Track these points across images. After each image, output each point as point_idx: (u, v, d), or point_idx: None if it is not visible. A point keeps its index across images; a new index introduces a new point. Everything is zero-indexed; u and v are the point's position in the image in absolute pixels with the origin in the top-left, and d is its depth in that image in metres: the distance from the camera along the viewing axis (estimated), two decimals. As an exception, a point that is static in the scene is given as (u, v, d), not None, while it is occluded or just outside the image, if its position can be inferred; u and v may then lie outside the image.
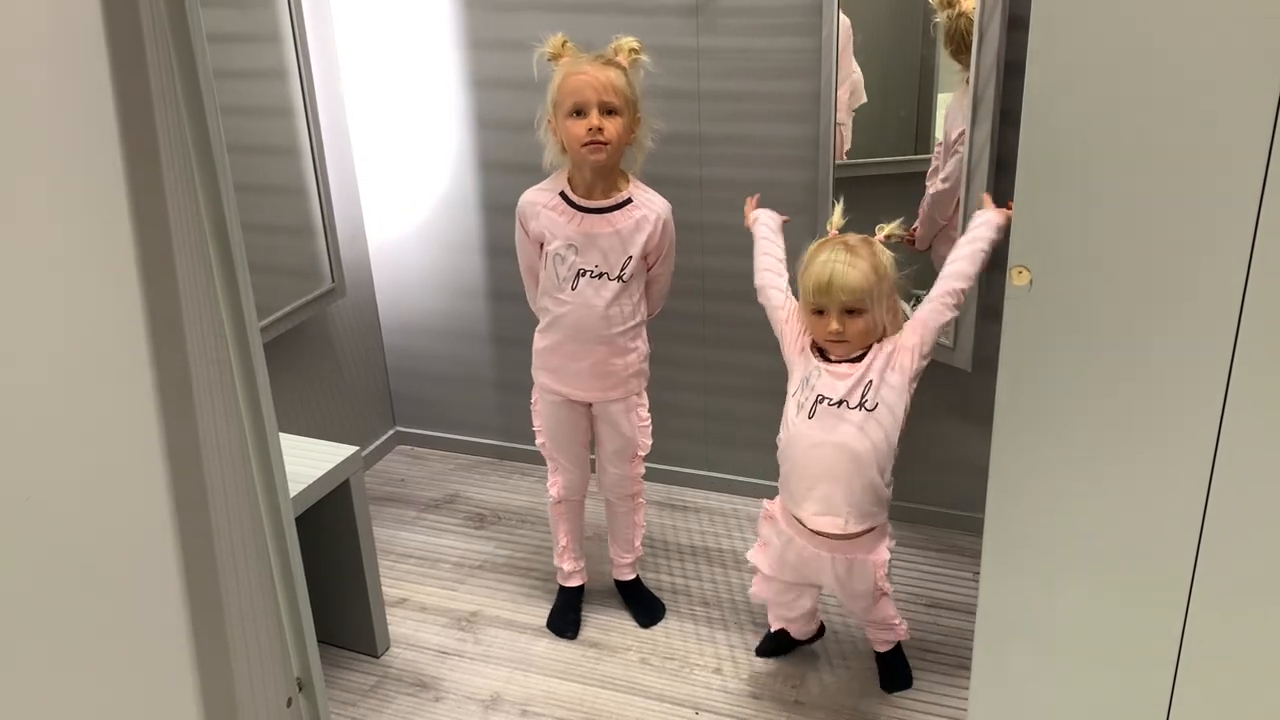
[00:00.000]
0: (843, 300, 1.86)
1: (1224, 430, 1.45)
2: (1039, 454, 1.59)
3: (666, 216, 2.17)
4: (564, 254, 2.14)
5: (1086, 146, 1.41)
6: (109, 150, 0.89)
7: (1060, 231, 1.46)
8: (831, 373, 1.93)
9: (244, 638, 1.11)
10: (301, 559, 1.19)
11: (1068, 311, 1.49)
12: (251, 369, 1.06)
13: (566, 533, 2.45)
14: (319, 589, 1.58)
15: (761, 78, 2.48)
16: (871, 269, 1.87)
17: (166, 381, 0.97)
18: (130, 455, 0.97)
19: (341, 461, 2.17)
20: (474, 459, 3.20)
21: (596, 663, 2.36)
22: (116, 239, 0.91)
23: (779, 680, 2.28)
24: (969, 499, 2.60)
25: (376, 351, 3.17)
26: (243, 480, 1.09)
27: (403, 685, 2.32)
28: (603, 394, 2.25)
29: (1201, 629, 1.56)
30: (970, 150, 2.20)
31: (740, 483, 2.92)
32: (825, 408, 1.92)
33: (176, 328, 0.98)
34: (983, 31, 2.12)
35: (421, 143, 2.89)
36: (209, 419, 1.03)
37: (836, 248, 1.90)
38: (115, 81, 0.88)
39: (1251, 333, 1.39)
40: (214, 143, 0.97)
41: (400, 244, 3.04)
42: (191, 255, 0.98)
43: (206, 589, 1.05)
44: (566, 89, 2.05)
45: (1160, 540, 1.55)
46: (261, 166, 2.57)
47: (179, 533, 1.01)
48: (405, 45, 2.80)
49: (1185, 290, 1.41)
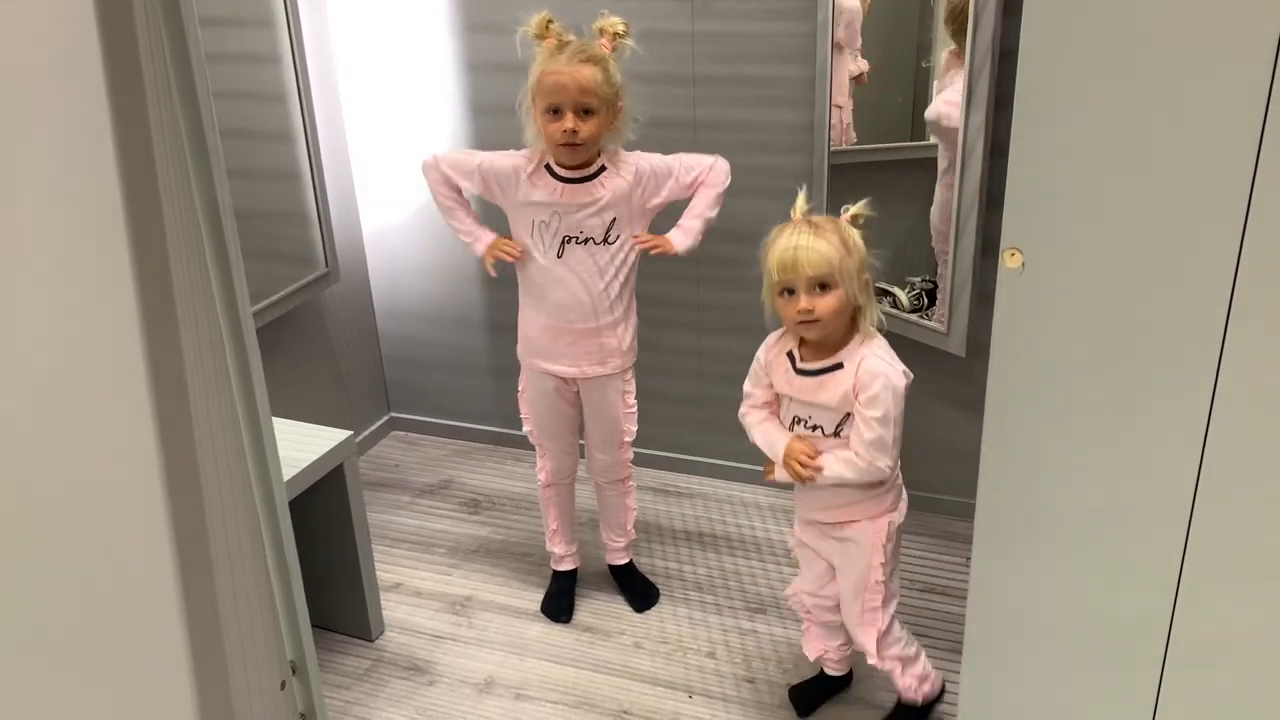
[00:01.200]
0: (809, 274, 1.76)
1: (1214, 415, 1.46)
2: (1030, 438, 1.60)
3: (643, 164, 2.16)
4: (547, 221, 2.16)
5: (1078, 130, 1.41)
6: (102, 135, 0.89)
7: (1052, 214, 1.46)
8: (806, 401, 1.86)
9: (238, 621, 1.11)
10: (296, 543, 1.19)
11: (1060, 295, 1.49)
12: (245, 354, 1.06)
13: (556, 516, 2.45)
14: (313, 573, 1.59)
15: (756, 62, 2.48)
16: (840, 242, 1.78)
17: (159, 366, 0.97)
18: (123, 440, 0.97)
19: (335, 446, 2.17)
20: (468, 444, 3.20)
21: (590, 647, 2.37)
22: (110, 225, 0.91)
23: (772, 665, 2.29)
24: (963, 484, 2.61)
25: (371, 337, 3.17)
26: (236, 465, 1.09)
27: (397, 669, 2.33)
28: (591, 368, 2.25)
29: (1191, 613, 1.57)
30: (965, 135, 2.20)
31: (733, 468, 2.92)
32: (803, 429, 1.89)
33: (170, 313, 0.98)
34: (978, 16, 2.11)
35: (416, 127, 2.88)
36: (202, 404, 1.03)
37: (799, 227, 1.81)
38: (107, 66, 0.88)
39: (1242, 317, 1.40)
40: (207, 127, 0.97)
41: (394, 229, 3.03)
42: (185, 241, 0.98)
43: (200, 573, 1.06)
44: (543, 87, 2.06)
45: (1151, 525, 1.55)
46: (256, 152, 2.56)
47: (172, 516, 1.01)
48: (400, 29, 2.79)
49: (1177, 274, 1.42)
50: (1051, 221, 1.47)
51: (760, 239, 2.34)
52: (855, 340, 1.83)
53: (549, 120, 2.07)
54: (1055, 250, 1.48)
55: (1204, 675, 1.61)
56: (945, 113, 2.31)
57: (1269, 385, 1.42)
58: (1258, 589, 1.52)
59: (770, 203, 2.53)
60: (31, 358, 0.88)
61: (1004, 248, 1.50)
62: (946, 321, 2.37)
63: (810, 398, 1.85)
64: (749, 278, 2.32)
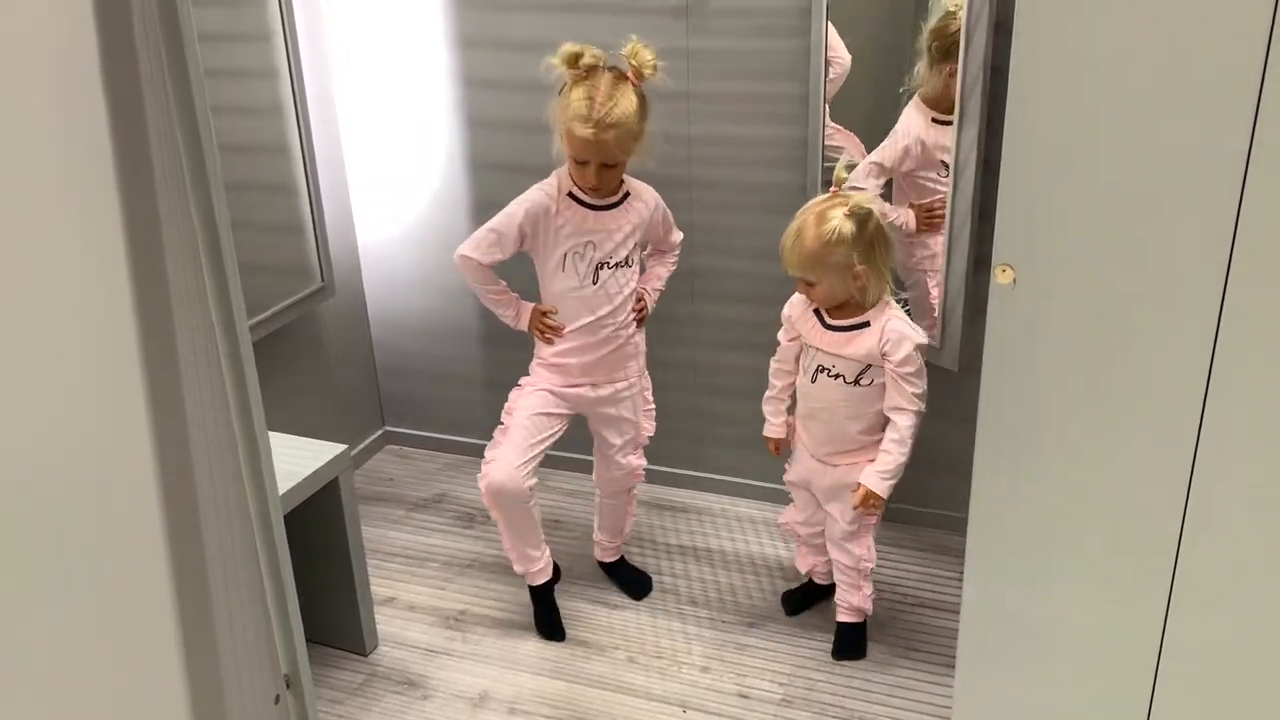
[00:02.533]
0: (792, 272, 2.08)
1: (1205, 427, 1.47)
2: (1022, 451, 1.60)
3: (657, 199, 2.30)
4: (582, 251, 2.21)
5: (1069, 147, 1.42)
6: (100, 149, 0.89)
7: (1043, 231, 1.48)
8: (827, 350, 2.13)
9: (232, 635, 1.12)
10: (290, 557, 1.19)
11: (1051, 310, 1.50)
12: (241, 367, 1.07)
13: (518, 528, 2.31)
14: (308, 587, 1.59)
15: (751, 79, 2.49)
16: (816, 238, 2.02)
17: (156, 380, 0.97)
18: (119, 453, 0.97)
19: (330, 460, 2.17)
20: (463, 459, 3.20)
21: (585, 661, 2.36)
22: (107, 238, 0.92)
23: (766, 678, 2.29)
24: (955, 498, 2.61)
25: (366, 351, 3.17)
26: (231, 478, 1.09)
27: (391, 684, 2.33)
28: (619, 379, 2.32)
29: (1182, 624, 1.58)
30: (957, 152, 2.22)
31: (728, 482, 2.92)
32: (825, 377, 2.15)
33: (167, 326, 0.98)
34: (970, 34, 2.13)
35: (412, 142, 2.89)
36: (198, 417, 1.03)
37: (807, 214, 2.06)
38: (106, 80, 0.88)
39: (1232, 331, 1.41)
40: (205, 141, 0.98)
41: (390, 243, 3.04)
42: (182, 254, 0.98)
43: (195, 586, 1.06)
44: (571, 140, 2.11)
45: (1142, 537, 1.56)
46: (252, 165, 2.57)
47: (167, 530, 1.01)
48: (397, 44, 2.81)
49: (1167, 289, 1.43)
50: (1043, 239, 1.48)
51: (753, 253, 2.36)
52: (880, 305, 2.10)
53: (575, 166, 2.15)
54: (1047, 267, 1.49)
55: (1196, 686, 1.61)
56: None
57: (1259, 398, 1.43)
58: (1247, 600, 1.53)
59: (763, 217, 2.55)
60: (28, 371, 0.89)
61: (995, 264, 1.51)
62: (940, 336, 2.38)
63: (838, 350, 2.11)
64: (743, 292, 2.33)
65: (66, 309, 0.92)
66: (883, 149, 2.42)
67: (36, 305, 0.89)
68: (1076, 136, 1.41)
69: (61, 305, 0.91)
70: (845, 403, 2.14)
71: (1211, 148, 1.35)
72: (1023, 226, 1.48)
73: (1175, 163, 1.37)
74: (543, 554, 2.37)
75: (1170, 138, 1.36)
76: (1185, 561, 1.54)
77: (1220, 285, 1.39)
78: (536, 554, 2.36)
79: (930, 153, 2.38)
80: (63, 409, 0.93)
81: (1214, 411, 1.45)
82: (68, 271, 0.91)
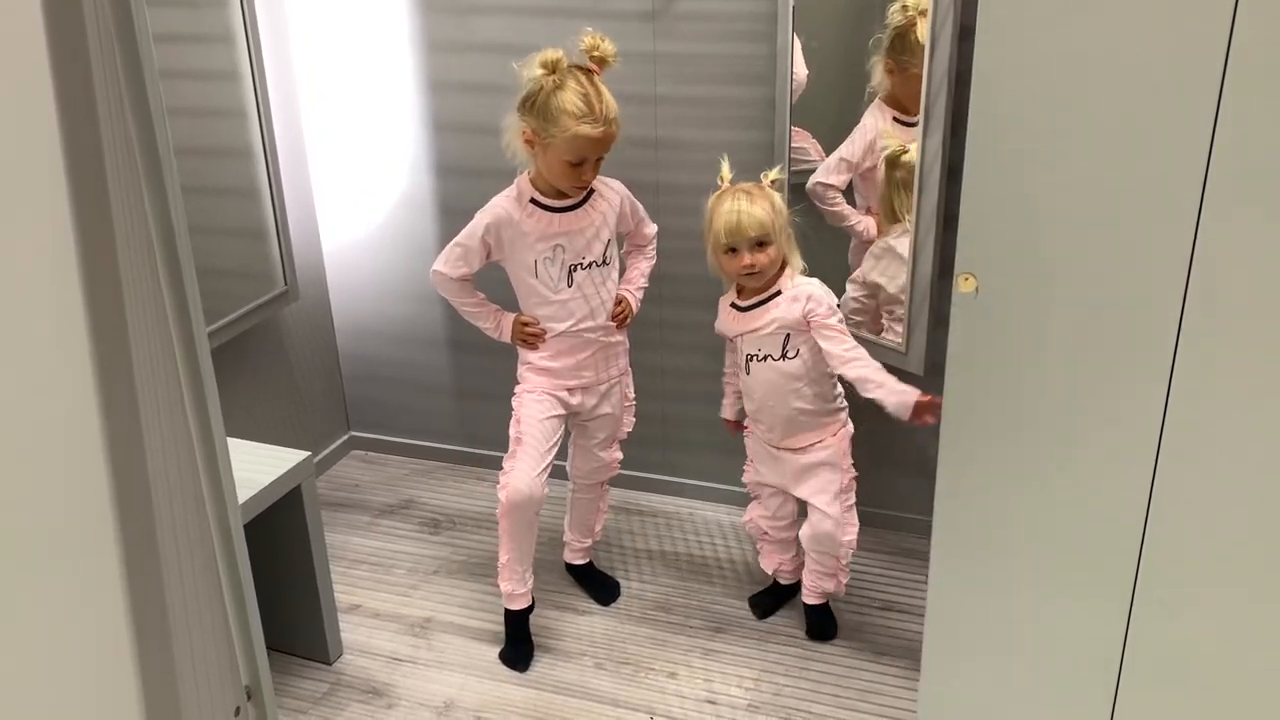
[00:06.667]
0: (750, 235, 2.14)
1: (1166, 432, 1.48)
2: (986, 457, 1.62)
3: (624, 190, 2.30)
4: (552, 255, 2.20)
5: (1031, 155, 1.43)
6: (50, 152, 0.87)
7: (1005, 239, 1.49)
8: (750, 335, 2.23)
9: (190, 645, 1.10)
10: (251, 565, 1.17)
11: (1013, 318, 1.52)
12: (199, 373, 1.05)
13: (518, 545, 2.32)
14: (270, 595, 1.57)
15: (717, 83, 2.50)
16: (770, 206, 2.16)
17: (109, 387, 0.95)
18: (71, 461, 0.95)
19: (293, 467, 2.14)
20: (429, 464, 3.18)
21: (550, 668, 2.35)
22: (58, 242, 0.90)
23: (733, 684, 2.29)
24: (920, 502, 2.63)
25: (330, 356, 3.14)
26: (189, 486, 1.07)
27: (355, 692, 2.30)
28: (607, 374, 2.33)
29: (1145, 627, 1.59)
30: (922, 159, 2.23)
31: (696, 487, 2.92)
32: (756, 363, 2.23)
33: (121, 331, 0.97)
34: (934, 40, 2.15)
35: (378, 145, 2.87)
36: (154, 424, 1.02)
37: (737, 195, 2.16)
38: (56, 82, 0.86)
39: (1192, 339, 1.43)
40: (161, 144, 0.96)
41: (355, 247, 3.01)
42: (137, 259, 0.97)
43: (151, 597, 1.04)
44: (572, 142, 2.07)
45: (1104, 541, 1.58)
46: (214, 168, 2.54)
47: (122, 539, 0.99)
48: (362, 47, 2.78)
49: (1127, 297, 1.45)
50: (1004, 247, 1.49)
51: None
52: (785, 275, 2.21)
53: (567, 167, 2.11)
54: (1008, 275, 1.50)
55: (1158, 688, 1.63)
56: (818, 192, 2.46)
57: (1219, 402, 1.45)
58: (1209, 605, 1.54)
59: (731, 223, 2.55)
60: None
61: (958, 273, 1.52)
62: (905, 340, 2.39)
63: (753, 326, 2.21)
64: (711, 297, 2.33)
65: (15, 315, 0.90)
66: (850, 143, 2.44)
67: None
68: (1038, 147, 1.43)
69: (10, 312, 0.89)
70: (782, 381, 2.21)
71: (1173, 156, 1.36)
72: (985, 235, 1.49)
73: (1136, 172, 1.39)
74: (530, 578, 2.35)
75: (1131, 147, 1.38)
76: (1148, 564, 1.55)
77: (1180, 293, 1.41)
78: (526, 575, 2.33)
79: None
80: (11, 418, 0.91)
81: (1175, 416, 1.47)
82: (16, 277, 0.89)
